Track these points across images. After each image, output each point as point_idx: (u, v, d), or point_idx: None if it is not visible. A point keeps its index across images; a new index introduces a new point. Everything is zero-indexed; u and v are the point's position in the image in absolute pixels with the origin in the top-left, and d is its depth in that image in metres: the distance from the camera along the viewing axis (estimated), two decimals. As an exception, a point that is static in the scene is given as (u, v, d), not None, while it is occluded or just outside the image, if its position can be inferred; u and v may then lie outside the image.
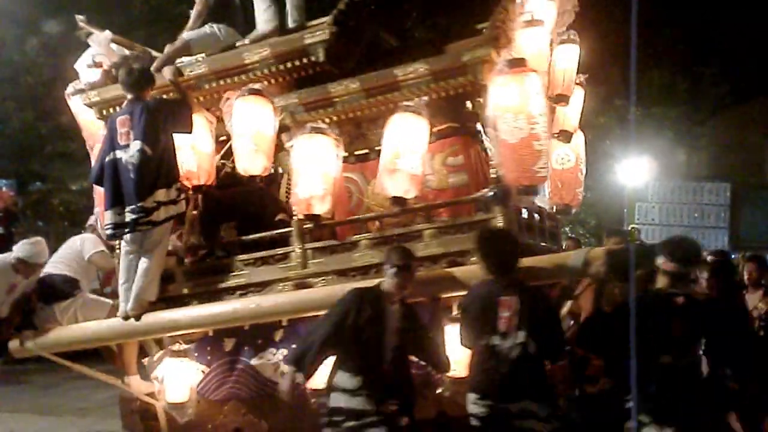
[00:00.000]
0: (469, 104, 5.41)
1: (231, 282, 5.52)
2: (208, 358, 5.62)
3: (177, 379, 5.46)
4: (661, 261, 4.33)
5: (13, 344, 5.86)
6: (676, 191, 18.73)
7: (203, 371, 5.57)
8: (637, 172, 17.38)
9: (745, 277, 7.77)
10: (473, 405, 4.28)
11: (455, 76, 5.20)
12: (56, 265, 5.89)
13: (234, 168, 5.66)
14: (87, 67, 6.44)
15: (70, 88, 6.45)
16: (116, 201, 5.25)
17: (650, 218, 18.50)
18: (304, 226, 5.35)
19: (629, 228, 11.30)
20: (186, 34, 5.93)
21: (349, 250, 5.34)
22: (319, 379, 4.85)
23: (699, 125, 20.54)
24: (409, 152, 5.03)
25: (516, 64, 4.93)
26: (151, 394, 5.64)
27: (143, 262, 5.40)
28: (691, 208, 18.48)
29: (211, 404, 5.56)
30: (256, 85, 5.44)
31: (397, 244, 4.99)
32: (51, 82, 13.74)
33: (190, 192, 5.63)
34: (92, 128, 6.42)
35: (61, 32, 13.28)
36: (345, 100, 5.38)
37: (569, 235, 16.93)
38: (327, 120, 5.39)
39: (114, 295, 5.81)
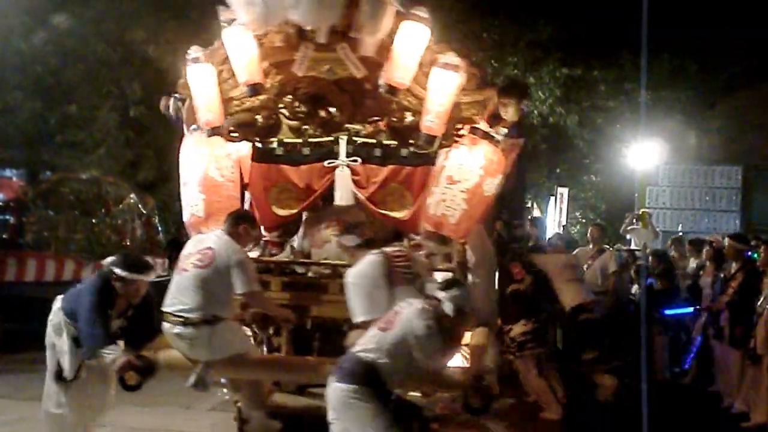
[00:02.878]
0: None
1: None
2: None
3: None
4: None
5: None
6: (687, 175, 18.60)
7: None
8: (648, 155, 17.30)
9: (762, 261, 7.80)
10: None
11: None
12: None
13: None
14: None
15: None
16: None
17: (661, 202, 18.39)
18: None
19: (640, 212, 11.24)
20: None
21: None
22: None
23: (710, 108, 20.43)
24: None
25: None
26: None
27: None
28: (703, 191, 18.35)
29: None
30: None
31: None
32: (59, 72, 13.76)
33: None
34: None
35: (68, 21, 13.28)
36: None
37: (593, 221, 16.92)
38: None
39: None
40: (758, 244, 8.50)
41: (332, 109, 5.81)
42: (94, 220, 9.48)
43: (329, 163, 5.95)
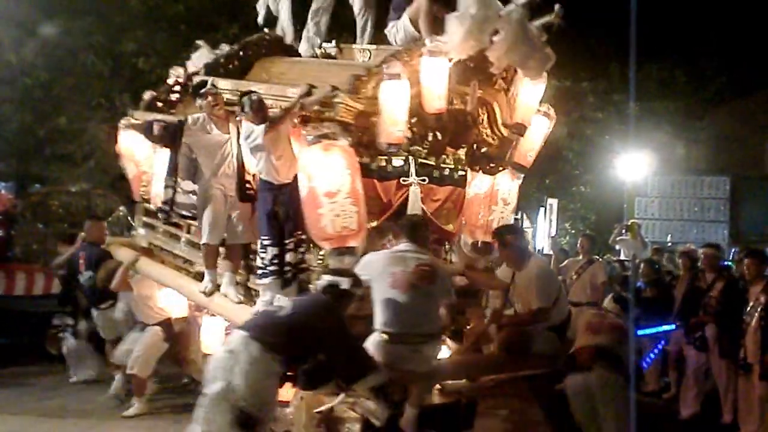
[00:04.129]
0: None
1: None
2: None
3: None
4: None
5: None
6: (676, 185, 18.73)
7: None
8: (637, 166, 17.39)
9: (745, 271, 7.83)
10: None
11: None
12: None
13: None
14: None
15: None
16: None
17: (650, 213, 18.51)
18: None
19: (629, 222, 11.28)
20: None
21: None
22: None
23: (698, 119, 20.56)
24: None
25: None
26: None
27: None
28: (691, 202, 18.48)
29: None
30: None
31: None
32: (48, 84, 13.74)
33: None
34: None
35: (58, 33, 13.27)
36: None
37: (583, 232, 16.94)
38: None
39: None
40: (741, 256, 8.54)
41: (438, 134, 6.39)
42: (83, 234, 9.43)
43: (404, 181, 6.35)
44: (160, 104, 8.11)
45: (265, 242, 5.80)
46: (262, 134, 5.70)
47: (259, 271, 5.85)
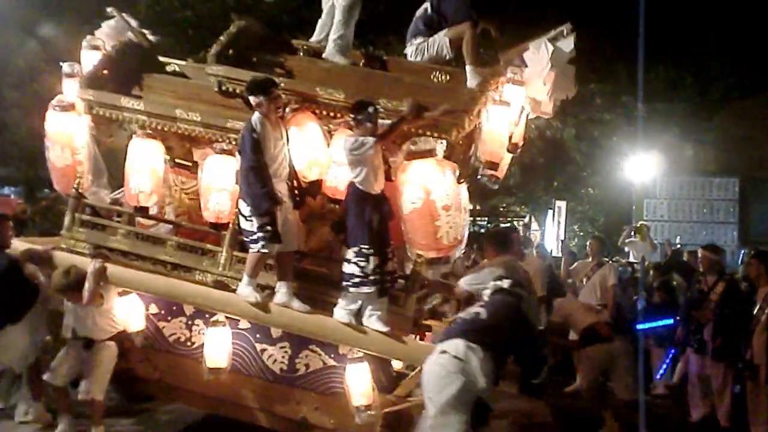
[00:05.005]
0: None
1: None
2: None
3: None
4: None
5: None
6: (685, 187, 18.69)
7: None
8: (645, 168, 17.33)
9: (753, 273, 7.82)
10: None
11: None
12: None
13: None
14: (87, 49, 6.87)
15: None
16: None
17: (659, 214, 18.47)
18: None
19: (638, 224, 11.24)
20: None
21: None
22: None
23: (706, 120, 20.47)
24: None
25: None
26: None
27: None
28: (700, 203, 18.43)
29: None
30: None
31: None
32: (56, 89, 13.78)
33: None
34: None
35: (66, 37, 13.32)
36: None
37: (591, 234, 16.90)
38: None
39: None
40: (750, 258, 8.53)
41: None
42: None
43: None
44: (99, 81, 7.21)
45: (366, 251, 5.72)
46: (372, 146, 5.67)
47: (355, 280, 5.73)
